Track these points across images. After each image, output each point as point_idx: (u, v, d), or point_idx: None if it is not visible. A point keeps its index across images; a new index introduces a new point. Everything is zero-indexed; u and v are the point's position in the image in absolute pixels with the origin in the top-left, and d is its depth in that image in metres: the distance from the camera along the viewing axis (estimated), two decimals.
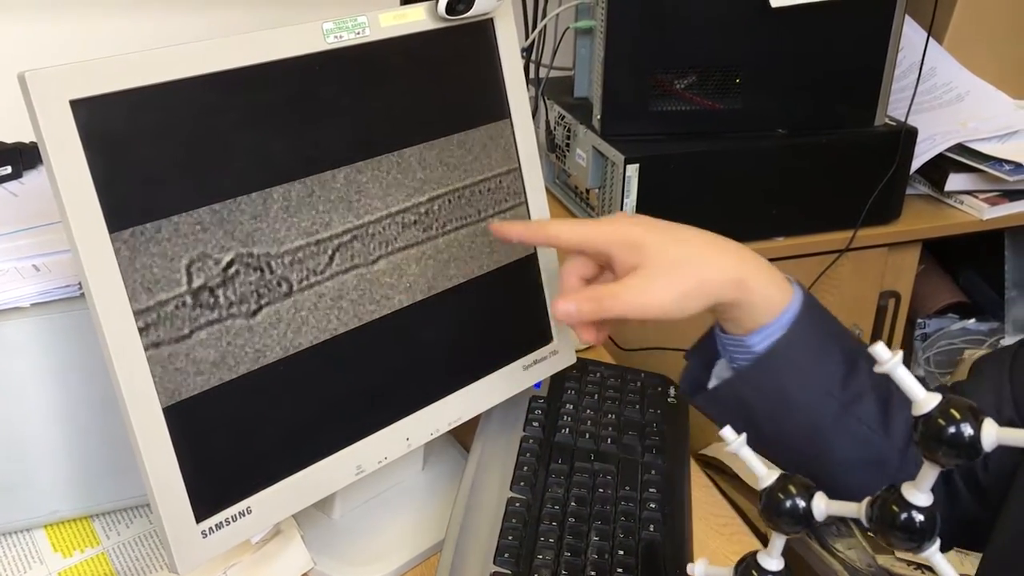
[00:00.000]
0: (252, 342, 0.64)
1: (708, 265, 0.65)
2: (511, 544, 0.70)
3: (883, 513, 0.41)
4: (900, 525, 0.40)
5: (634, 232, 0.65)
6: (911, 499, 0.40)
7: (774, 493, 0.45)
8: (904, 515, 0.40)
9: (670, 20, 1.12)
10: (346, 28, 0.67)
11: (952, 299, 1.61)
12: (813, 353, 0.66)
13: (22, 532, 0.78)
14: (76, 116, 0.56)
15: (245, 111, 0.63)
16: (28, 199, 0.80)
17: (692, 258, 0.65)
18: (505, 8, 0.75)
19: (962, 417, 0.38)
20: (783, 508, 0.45)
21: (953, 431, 0.38)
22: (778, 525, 0.45)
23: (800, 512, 0.44)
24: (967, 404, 0.39)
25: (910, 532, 0.40)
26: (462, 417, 0.78)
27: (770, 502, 0.45)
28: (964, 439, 0.38)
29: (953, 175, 1.34)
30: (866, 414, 0.66)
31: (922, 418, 0.39)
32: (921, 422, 0.39)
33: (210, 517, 0.63)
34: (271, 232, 0.64)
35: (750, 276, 0.65)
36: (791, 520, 0.45)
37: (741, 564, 0.48)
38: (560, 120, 1.29)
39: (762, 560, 0.48)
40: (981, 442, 0.38)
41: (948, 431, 0.38)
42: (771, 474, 0.46)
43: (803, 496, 0.45)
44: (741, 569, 0.48)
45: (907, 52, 1.33)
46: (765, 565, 0.47)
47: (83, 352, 0.71)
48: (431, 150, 0.73)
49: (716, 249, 0.66)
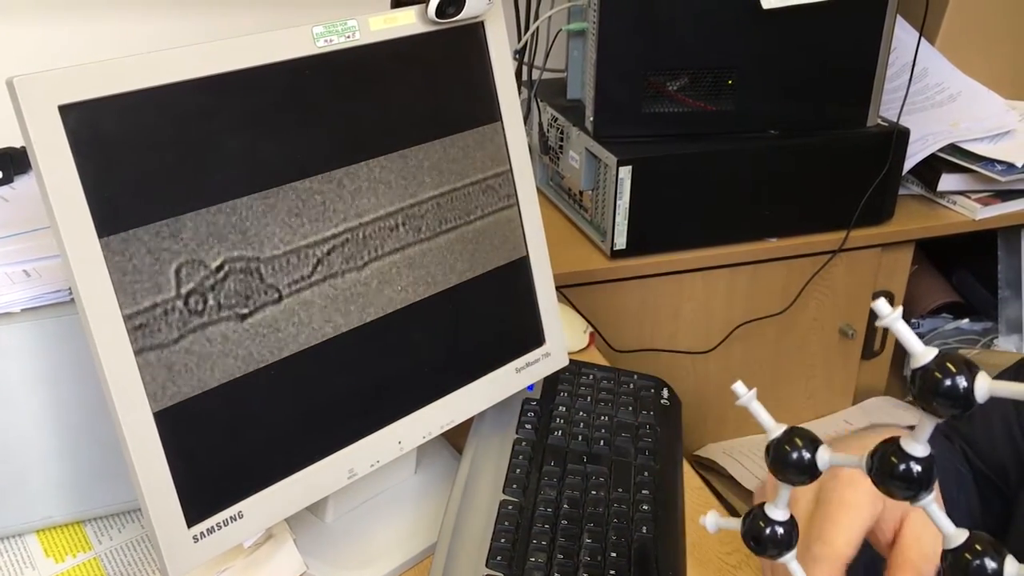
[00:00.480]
0: (242, 346, 0.64)
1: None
2: (504, 546, 0.70)
3: (882, 464, 0.42)
4: (899, 475, 0.42)
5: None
6: (909, 450, 0.42)
7: (781, 445, 0.47)
8: (903, 465, 0.42)
9: (662, 22, 1.12)
10: (336, 32, 0.67)
11: (946, 299, 1.61)
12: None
13: (14, 537, 0.77)
14: (65, 121, 0.55)
15: (235, 115, 0.63)
16: (19, 204, 0.80)
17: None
18: (496, 11, 0.75)
19: (957, 370, 0.40)
20: (790, 460, 0.47)
21: (949, 383, 0.40)
22: (785, 476, 0.47)
23: (805, 463, 0.47)
24: (962, 358, 0.40)
25: (908, 481, 0.42)
26: (455, 420, 0.78)
27: (778, 454, 0.47)
28: (959, 390, 0.40)
29: (946, 175, 1.34)
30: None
31: (919, 371, 0.41)
32: (919, 375, 0.41)
33: (201, 522, 0.63)
34: (261, 236, 0.64)
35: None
36: (796, 471, 0.47)
37: (749, 515, 0.50)
38: (553, 122, 1.30)
39: (768, 511, 0.50)
40: (975, 393, 0.40)
41: (944, 383, 0.40)
42: (778, 427, 0.48)
43: (808, 448, 0.47)
44: (749, 520, 0.50)
45: (899, 53, 1.33)
46: (772, 515, 0.49)
47: (73, 357, 0.71)
48: (422, 153, 0.73)
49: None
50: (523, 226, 0.81)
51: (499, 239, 0.79)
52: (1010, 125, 1.36)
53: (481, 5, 0.73)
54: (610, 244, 1.18)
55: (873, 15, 1.16)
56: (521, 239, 0.80)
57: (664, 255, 1.22)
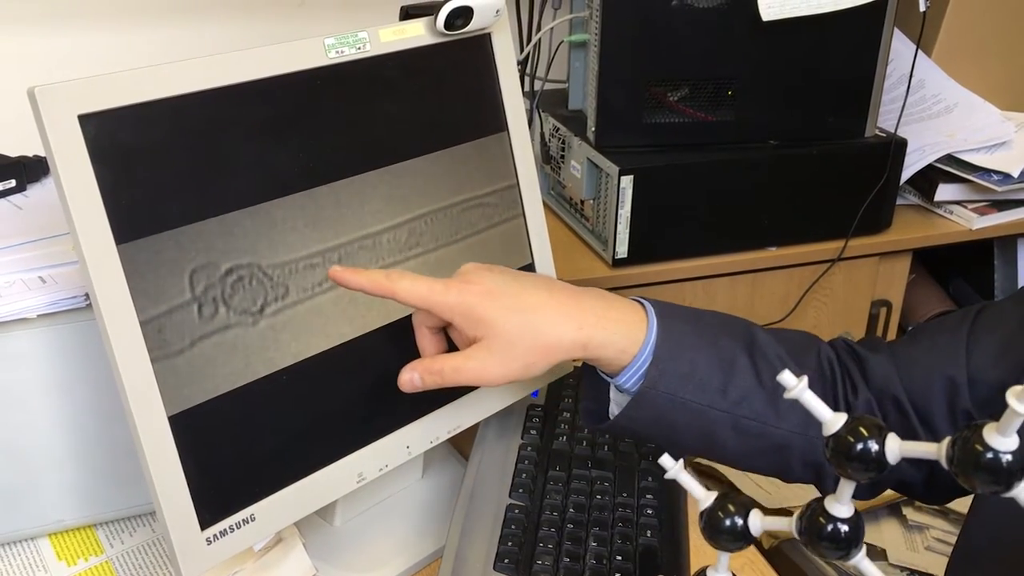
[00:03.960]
0: (255, 352, 0.65)
1: (548, 333, 0.65)
2: (511, 550, 0.71)
3: (811, 525, 0.44)
4: (827, 536, 0.43)
5: (474, 303, 0.65)
6: (834, 512, 0.43)
7: (714, 513, 0.48)
8: (830, 526, 0.43)
9: (663, 33, 1.14)
10: (347, 43, 0.69)
11: (943, 308, 1.62)
12: (683, 377, 0.66)
13: (27, 541, 0.78)
14: (84, 130, 0.57)
15: (248, 125, 0.64)
16: (33, 212, 0.81)
17: (533, 328, 0.65)
18: (502, 22, 0.77)
19: (869, 434, 0.41)
20: (723, 526, 0.48)
21: (861, 447, 0.41)
22: (720, 543, 0.49)
23: (739, 530, 0.48)
24: (873, 422, 0.41)
25: (836, 542, 0.43)
26: (461, 425, 0.79)
27: (711, 522, 0.48)
28: (872, 455, 0.40)
29: (943, 185, 1.36)
30: (753, 411, 0.66)
31: (831, 437, 0.42)
32: (831, 440, 0.42)
33: (214, 524, 0.64)
34: (274, 243, 0.66)
35: (593, 333, 0.65)
36: (730, 538, 0.48)
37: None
38: (555, 132, 1.31)
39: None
40: (886, 456, 0.40)
41: (857, 447, 0.41)
42: (709, 495, 0.49)
43: (741, 514, 0.48)
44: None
45: (896, 64, 1.35)
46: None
47: (88, 362, 0.72)
48: (430, 163, 0.74)
49: (556, 312, 0.66)
50: (528, 235, 0.82)
51: (505, 248, 0.80)
52: (1006, 136, 1.37)
53: (488, 17, 0.74)
54: (612, 253, 1.19)
55: (871, 27, 1.18)
56: (527, 248, 0.82)
57: (665, 263, 1.23)
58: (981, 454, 0.37)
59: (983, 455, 0.37)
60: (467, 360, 0.65)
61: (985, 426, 0.37)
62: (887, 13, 1.17)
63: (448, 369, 0.66)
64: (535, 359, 0.65)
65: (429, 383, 0.67)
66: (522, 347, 0.65)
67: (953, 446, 0.38)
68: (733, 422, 0.67)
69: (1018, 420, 0.36)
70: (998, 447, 0.37)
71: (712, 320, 0.71)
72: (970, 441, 0.38)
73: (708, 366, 0.67)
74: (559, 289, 0.68)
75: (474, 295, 0.65)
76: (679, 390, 0.66)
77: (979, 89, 1.45)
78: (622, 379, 0.67)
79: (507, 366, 0.65)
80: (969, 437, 0.38)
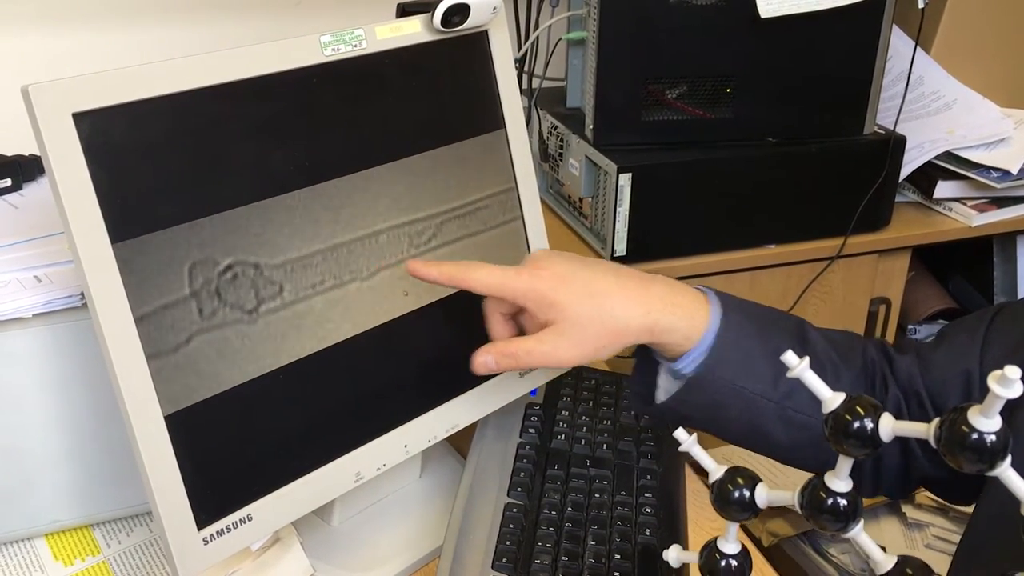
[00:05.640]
0: (252, 351, 0.65)
1: (618, 317, 0.67)
2: (509, 549, 0.70)
3: (812, 500, 0.47)
4: (827, 509, 0.46)
5: (546, 289, 0.67)
6: (833, 487, 0.46)
7: (723, 485, 0.51)
8: (830, 500, 0.46)
9: (661, 31, 1.14)
10: (343, 41, 0.68)
11: (942, 305, 1.62)
12: (739, 365, 0.69)
13: (23, 541, 0.78)
14: (79, 128, 0.56)
15: (245, 123, 0.64)
16: (28, 211, 0.81)
17: (603, 313, 0.67)
18: (499, 20, 0.77)
19: (864, 413, 0.43)
20: (732, 497, 0.51)
21: (857, 425, 0.43)
22: (729, 513, 0.52)
23: (746, 501, 0.51)
24: (869, 401, 0.44)
25: (836, 515, 0.46)
26: (459, 424, 0.79)
27: (720, 493, 0.52)
28: (867, 432, 0.43)
29: (942, 182, 1.36)
30: (800, 403, 0.69)
31: (830, 415, 0.44)
32: (830, 418, 0.44)
33: (211, 524, 0.64)
34: (270, 242, 0.65)
35: (660, 318, 0.68)
36: (738, 508, 0.51)
37: (705, 549, 0.55)
38: (553, 130, 1.31)
39: (721, 545, 0.54)
40: (879, 433, 0.43)
41: (853, 425, 0.43)
42: (719, 468, 0.52)
43: (748, 487, 0.51)
44: (705, 554, 0.55)
45: (895, 61, 1.35)
46: (724, 549, 0.54)
47: (84, 361, 0.71)
48: (428, 160, 0.74)
49: (625, 297, 0.68)
50: (527, 234, 0.82)
51: (504, 247, 0.80)
52: (1005, 132, 1.37)
53: (485, 14, 0.74)
54: (610, 251, 1.19)
55: (870, 24, 1.18)
56: (525, 247, 0.81)
57: (664, 261, 1.23)
58: (967, 435, 0.39)
59: (968, 436, 0.39)
60: (539, 343, 0.68)
61: (970, 408, 0.40)
62: (886, 10, 1.17)
63: (521, 352, 0.68)
64: (605, 342, 0.67)
65: (504, 365, 0.69)
66: (592, 331, 0.67)
67: (941, 427, 0.41)
68: (780, 413, 0.69)
69: (1000, 403, 0.38)
70: (982, 428, 0.39)
71: (769, 314, 0.74)
72: (956, 423, 0.40)
73: (763, 357, 0.69)
74: (627, 275, 0.70)
75: (545, 280, 0.67)
76: (735, 378, 0.68)
77: (978, 86, 1.45)
78: (681, 364, 0.69)
79: (578, 348, 0.67)
80: (956, 419, 0.40)
